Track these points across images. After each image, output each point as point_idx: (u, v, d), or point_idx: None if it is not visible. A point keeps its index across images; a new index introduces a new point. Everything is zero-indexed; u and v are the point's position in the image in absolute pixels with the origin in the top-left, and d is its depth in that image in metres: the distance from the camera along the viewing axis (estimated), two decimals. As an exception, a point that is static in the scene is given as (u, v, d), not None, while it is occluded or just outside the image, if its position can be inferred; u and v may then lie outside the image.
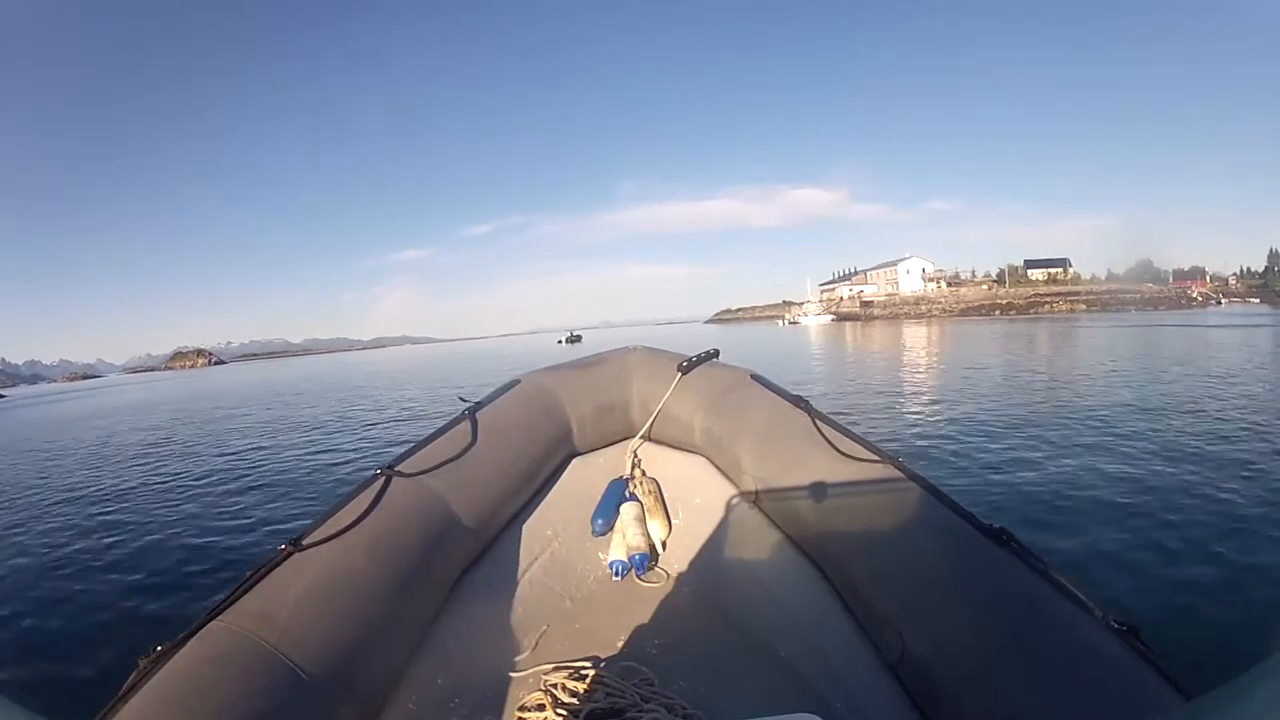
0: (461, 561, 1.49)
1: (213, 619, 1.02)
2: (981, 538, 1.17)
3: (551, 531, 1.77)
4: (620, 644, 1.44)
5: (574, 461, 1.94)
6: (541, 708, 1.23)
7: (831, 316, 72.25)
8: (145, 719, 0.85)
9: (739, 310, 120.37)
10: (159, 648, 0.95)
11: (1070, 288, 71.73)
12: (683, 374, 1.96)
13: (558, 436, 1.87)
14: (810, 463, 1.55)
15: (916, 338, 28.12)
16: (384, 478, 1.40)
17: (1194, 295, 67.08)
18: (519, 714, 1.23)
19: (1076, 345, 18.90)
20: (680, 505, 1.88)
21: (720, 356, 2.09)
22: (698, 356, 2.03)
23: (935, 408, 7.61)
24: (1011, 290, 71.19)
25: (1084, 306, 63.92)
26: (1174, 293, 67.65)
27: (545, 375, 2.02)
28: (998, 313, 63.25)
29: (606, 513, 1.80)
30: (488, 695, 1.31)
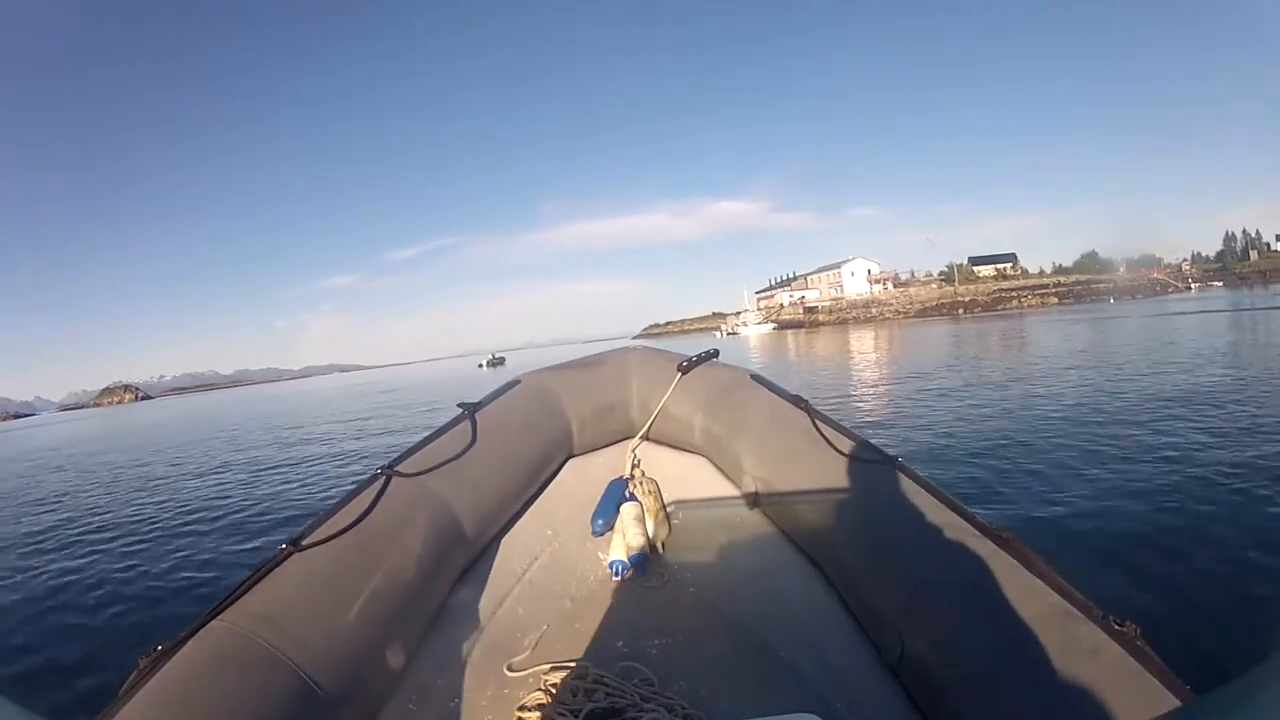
0: (461, 561, 1.49)
1: (213, 619, 1.01)
2: (981, 538, 1.17)
3: (551, 531, 1.77)
4: (620, 644, 1.44)
5: (574, 461, 1.94)
6: (541, 707, 1.23)
7: (773, 325, 65.93)
8: (145, 719, 0.85)
9: (668, 324, 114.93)
10: (159, 647, 0.95)
11: (1039, 280, 67.60)
12: (682, 374, 1.96)
13: (557, 436, 1.87)
14: (810, 463, 1.55)
15: (880, 345, 24.63)
16: (384, 478, 1.40)
17: (1167, 282, 64.65)
18: (519, 714, 1.23)
19: (1095, 341, 16.45)
20: (680, 505, 1.88)
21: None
22: (698, 356, 2.03)
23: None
24: (972, 287, 66.52)
25: (1055, 300, 60.61)
26: (1148, 281, 64.59)
27: (545, 375, 2.02)
28: (961, 311, 58.64)
29: (606, 513, 1.80)
30: (488, 695, 1.31)
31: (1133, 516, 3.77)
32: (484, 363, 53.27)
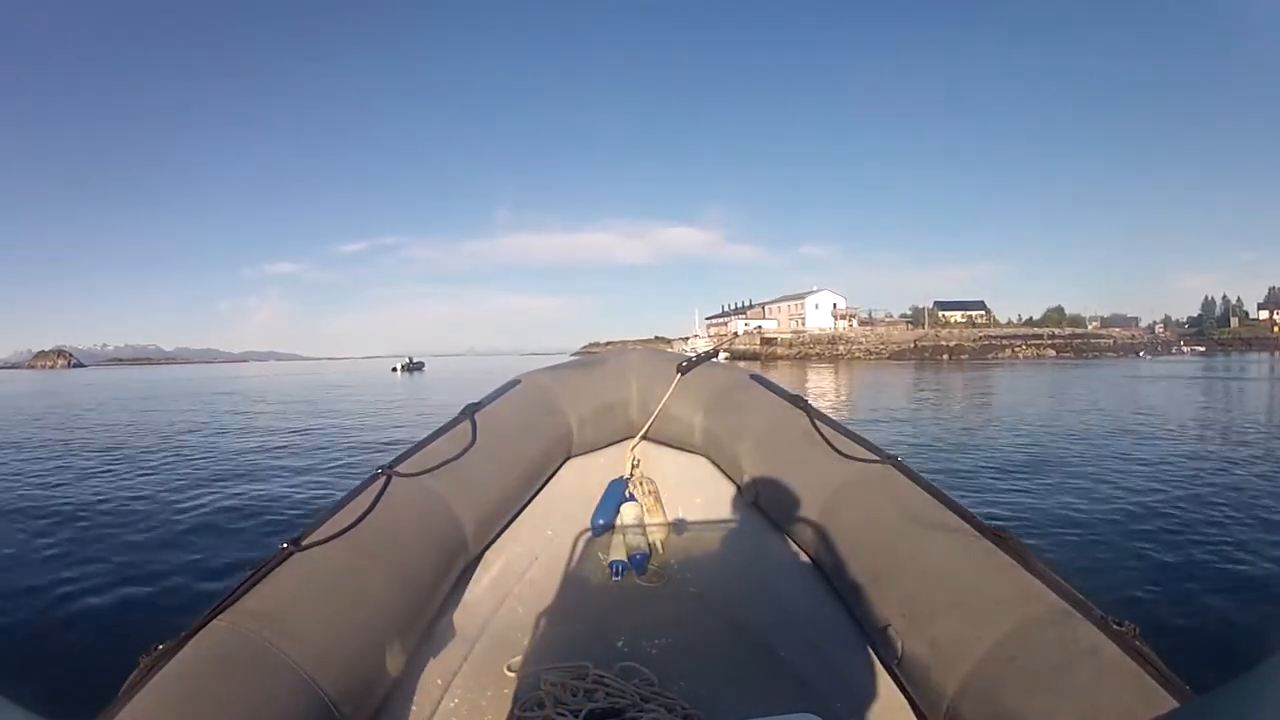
0: (461, 561, 1.49)
1: (213, 618, 1.01)
2: (981, 538, 1.18)
3: (551, 531, 1.77)
4: (620, 644, 1.44)
5: (574, 461, 1.94)
6: (541, 706, 1.23)
7: (725, 354, 55.66)
8: (145, 719, 0.85)
9: (608, 344, 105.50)
10: (159, 647, 0.95)
11: (1030, 330, 62.12)
12: (682, 374, 1.96)
13: (557, 436, 1.87)
14: (810, 463, 1.55)
15: (863, 392, 19.79)
16: (384, 478, 1.40)
17: (1169, 342, 62.28)
18: (519, 714, 1.23)
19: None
20: (680, 505, 1.88)
21: None
22: (697, 357, 2.04)
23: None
24: (956, 331, 60.33)
25: (1053, 352, 54.99)
26: (1147, 338, 61.64)
27: (545, 375, 2.02)
28: (945, 357, 52.01)
29: (606, 513, 1.80)
30: (488, 695, 1.31)
31: (1133, 518, 3.77)
32: (399, 366, 46.79)
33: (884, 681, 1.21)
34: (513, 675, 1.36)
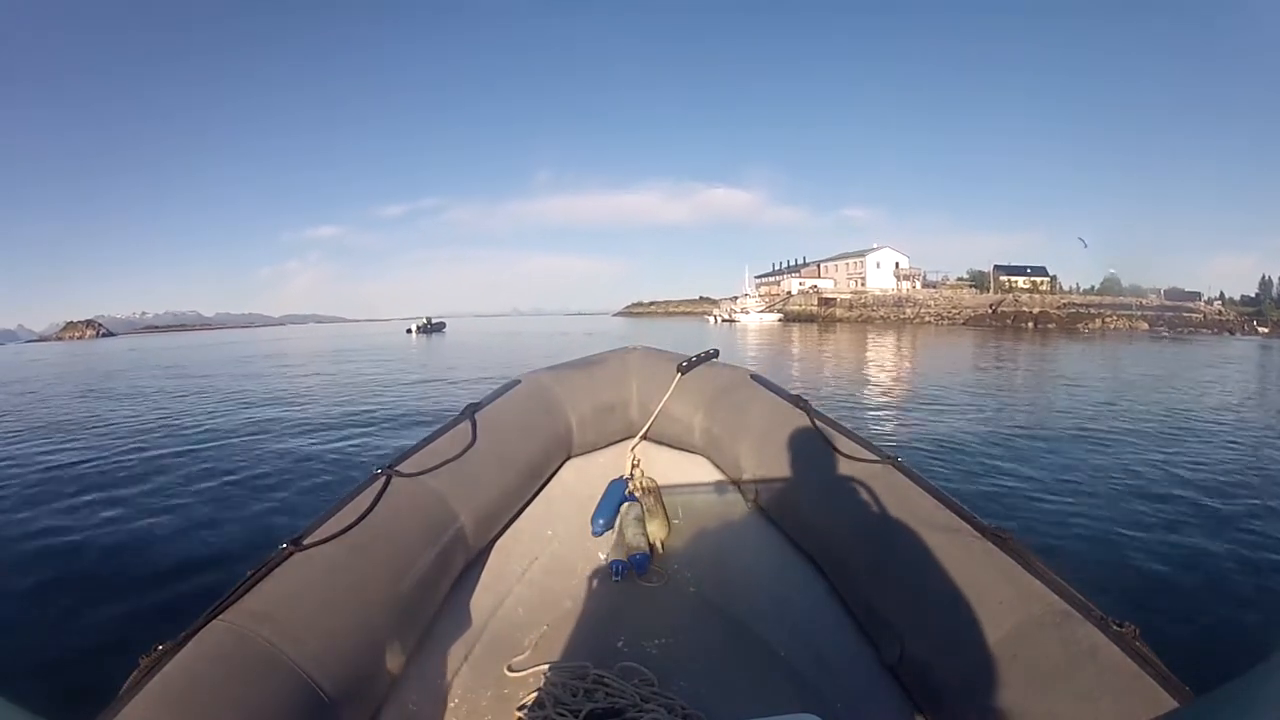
0: (461, 561, 1.49)
1: (213, 618, 1.01)
2: (980, 538, 1.18)
3: (551, 531, 1.77)
4: (620, 644, 1.44)
5: (574, 461, 1.94)
6: (541, 706, 1.23)
7: (778, 315, 53.97)
8: (145, 719, 0.85)
9: (652, 304, 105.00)
10: (159, 647, 0.95)
11: (1116, 299, 53.79)
12: (682, 374, 1.96)
13: (558, 436, 1.87)
14: (810, 463, 1.55)
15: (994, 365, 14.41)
16: (384, 477, 1.40)
17: (1257, 320, 54.93)
18: (519, 714, 1.23)
19: None
20: (680, 505, 1.88)
21: None
22: (697, 357, 2.04)
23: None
24: (1036, 296, 53.16)
25: (1145, 325, 47.89)
26: (1235, 316, 54.02)
27: (545, 375, 2.02)
28: (1031, 325, 45.41)
29: (606, 513, 1.80)
30: (488, 695, 1.31)
31: (1133, 518, 3.77)
32: (414, 328, 42.26)
33: (884, 681, 1.21)
34: (513, 675, 1.36)
